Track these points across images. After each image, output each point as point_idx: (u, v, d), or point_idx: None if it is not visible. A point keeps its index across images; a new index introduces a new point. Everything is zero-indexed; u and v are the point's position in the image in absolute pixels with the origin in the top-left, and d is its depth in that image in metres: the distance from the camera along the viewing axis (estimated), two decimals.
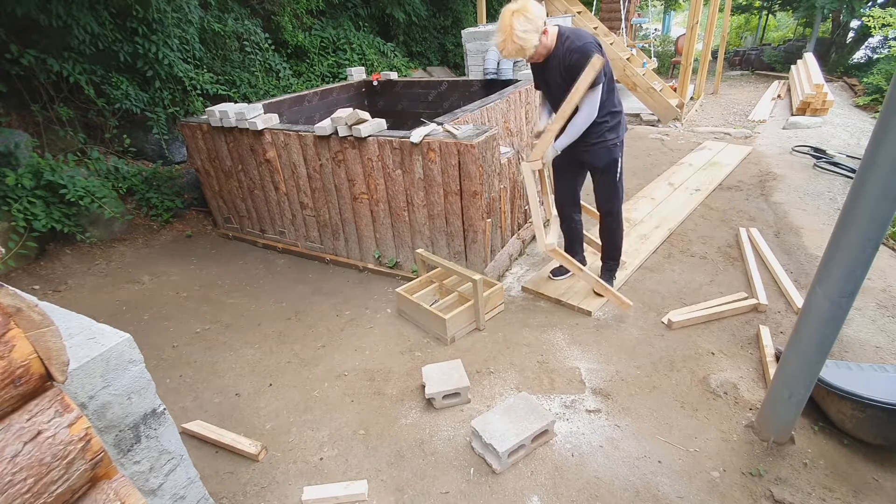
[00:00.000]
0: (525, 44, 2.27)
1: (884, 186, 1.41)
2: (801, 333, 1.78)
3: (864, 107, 8.18)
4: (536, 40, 2.29)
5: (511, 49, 2.30)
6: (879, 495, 1.83)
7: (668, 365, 2.52)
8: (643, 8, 12.01)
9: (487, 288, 3.00)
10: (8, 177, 3.63)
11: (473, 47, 5.12)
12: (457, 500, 1.92)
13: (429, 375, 2.40)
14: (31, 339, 0.83)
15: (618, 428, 2.18)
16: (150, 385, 1.32)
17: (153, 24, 4.58)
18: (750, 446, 2.05)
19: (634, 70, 7.05)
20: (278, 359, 2.84)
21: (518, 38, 2.25)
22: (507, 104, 3.94)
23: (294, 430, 2.32)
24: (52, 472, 0.85)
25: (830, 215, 4.06)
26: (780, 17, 16.63)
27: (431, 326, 2.89)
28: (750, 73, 11.94)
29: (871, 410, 1.89)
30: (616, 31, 8.84)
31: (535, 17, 2.26)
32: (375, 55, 7.61)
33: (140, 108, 4.72)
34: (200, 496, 1.54)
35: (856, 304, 2.46)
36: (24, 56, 3.95)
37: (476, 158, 2.85)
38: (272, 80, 6.12)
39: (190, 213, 4.85)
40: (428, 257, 3.12)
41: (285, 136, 3.49)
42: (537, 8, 2.29)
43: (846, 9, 9.79)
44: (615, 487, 1.91)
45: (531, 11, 2.26)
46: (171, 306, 3.45)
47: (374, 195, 3.35)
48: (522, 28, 2.23)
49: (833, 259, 1.61)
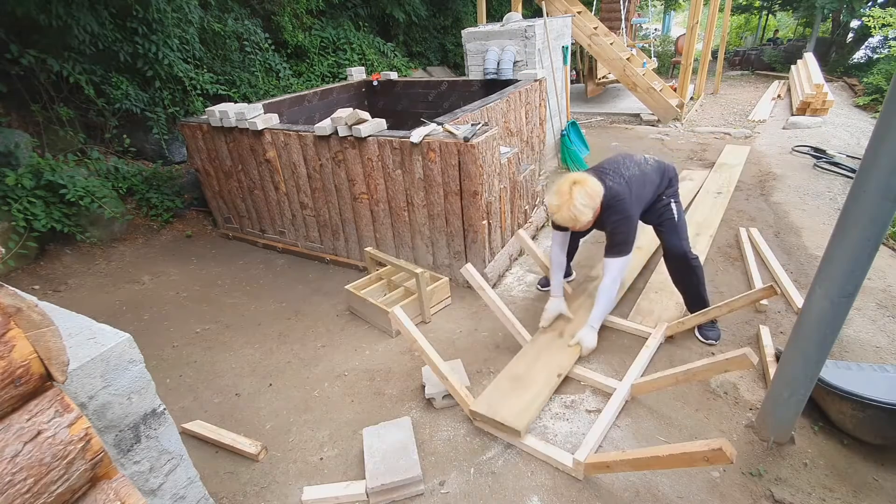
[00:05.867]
0: (581, 217, 2.25)
1: (884, 186, 1.41)
2: (801, 333, 1.78)
3: (864, 107, 8.18)
4: (591, 216, 2.29)
5: (565, 216, 2.27)
6: (879, 495, 1.83)
7: (667, 365, 2.51)
8: (643, 8, 12.00)
9: (433, 282, 3.12)
10: (8, 177, 3.63)
11: (473, 47, 5.11)
12: (457, 499, 1.92)
13: (429, 375, 2.39)
14: (31, 339, 0.83)
15: (618, 428, 2.18)
16: (150, 385, 1.32)
17: (153, 24, 4.58)
18: (750, 446, 2.05)
19: (634, 70, 7.05)
20: (278, 359, 2.84)
21: (575, 209, 2.22)
22: (507, 104, 3.94)
23: (294, 430, 2.32)
24: (52, 472, 0.85)
25: (830, 215, 4.06)
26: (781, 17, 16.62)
27: (378, 320, 2.98)
28: (750, 73, 11.94)
29: (871, 410, 1.89)
30: (616, 31, 8.83)
31: (596, 195, 2.26)
32: (375, 55, 7.61)
33: (140, 108, 4.72)
34: (200, 496, 1.54)
35: (856, 304, 2.46)
36: (24, 56, 3.95)
37: (476, 158, 2.85)
38: (272, 80, 6.12)
39: (190, 213, 4.85)
40: (376, 254, 3.22)
41: (285, 136, 3.49)
42: (598, 186, 2.28)
43: (846, 9, 9.79)
44: (615, 487, 1.91)
45: (593, 188, 2.25)
46: (171, 306, 3.45)
47: (374, 195, 3.35)
48: (582, 202, 2.22)
49: (833, 259, 1.61)
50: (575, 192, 2.22)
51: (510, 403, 2.17)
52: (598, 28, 7.34)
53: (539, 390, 2.26)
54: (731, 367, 1.85)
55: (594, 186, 2.27)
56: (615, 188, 2.36)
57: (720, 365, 1.87)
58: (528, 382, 2.30)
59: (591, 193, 2.24)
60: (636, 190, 2.42)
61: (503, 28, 4.96)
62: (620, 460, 1.70)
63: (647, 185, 2.50)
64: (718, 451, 1.40)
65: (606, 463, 1.77)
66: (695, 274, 2.61)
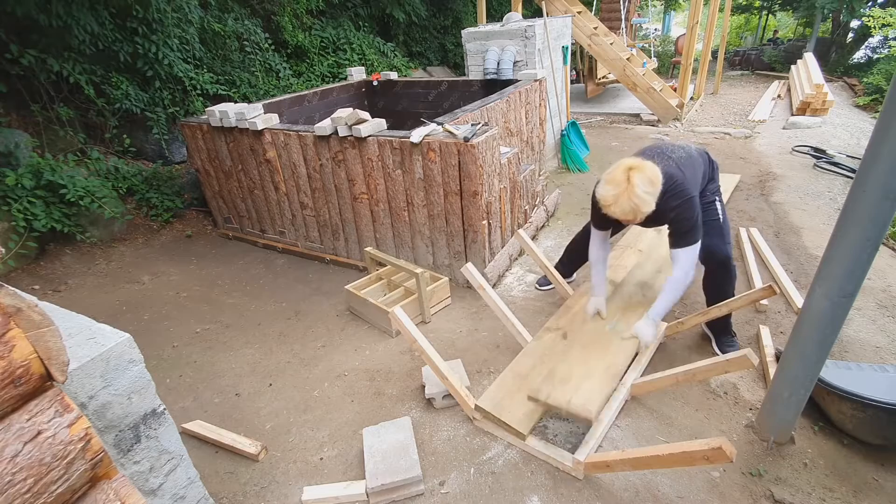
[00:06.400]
0: (643, 206, 1.96)
1: (884, 186, 1.41)
2: (801, 333, 1.78)
3: (864, 107, 8.18)
4: (653, 205, 1.99)
5: (624, 207, 1.97)
6: (879, 495, 1.83)
7: (667, 365, 2.51)
8: (643, 8, 12.00)
9: (433, 282, 3.11)
10: (8, 177, 3.63)
11: (473, 47, 5.11)
12: (457, 499, 1.92)
13: (429, 375, 2.39)
14: (31, 339, 0.83)
15: (618, 428, 2.18)
16: (150, 385, 1.32)
17: (153, 24, 4.58)
18: (750, 446, 2.05)
19: (634, 70, 7.05)
20: (278, 359, 2.84)
21: (637, 198, 1.94)
22: (507, 104, 3.94)
23: (294, 430, 2.32)
24: (52, 472, 0.85)
25: (830, 215, 4.06)
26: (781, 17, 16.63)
27: (378, 321, 2.98)
28: (750, 73, 11.94)
29: (872, 410, 1.89)
30: (616, 31, 8.83)
31: (657, 180, 1.99)
32: (375, 55, 7.61)
33: (140, 108, 4.72)
34: (200, 496, 1.54)
35: (856, 304, 2.46)
36: (24, 56, 3.94)
37: (476, 158, 2.85)
38: (272, 80, 6.12)
39: (190, 213, 4.85)
40: (376, 254, 3.20)
41: (285, 136, 3.49)
42: (656, 170, 2.02)
43: (846, 9, 9.79)
44: (615, 487, 1.91)
45: (654, 173, 1.99)
46: (170, 306, 3.45)
47: (374, 195, 3.35)
48: (645, 189, 1.94)
49: (833, 259, 1.61)
50: (634, 178, 1.94)
51: (515, 406, 2.17)
52: (598, 28, 7.34)
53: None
54: (731, 368, 1.85)
55: (654, 170, 1.99)
56: (667, 170, 2.10)
57: (721, 366, 1.87)
58: (532, 382, 2.30)
59: (651, 179, 1.97)
60: (688, 172, 2.21)
61: (503, 28, 4.97)
62: (620, 460, 1.70)
63: (696, 168, 2.30)
64: (718, 449, 1.40)
65: (607, 462, 1.77)
66: (731, 282, 2.45)
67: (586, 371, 2.19)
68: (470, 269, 2.55)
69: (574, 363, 2.26)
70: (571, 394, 2.06)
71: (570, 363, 2.26)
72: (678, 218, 2.14)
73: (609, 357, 2.29)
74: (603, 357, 2.29)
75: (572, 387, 2.10)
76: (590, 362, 2.25)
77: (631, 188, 1.95)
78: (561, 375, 2.17)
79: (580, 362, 2.26)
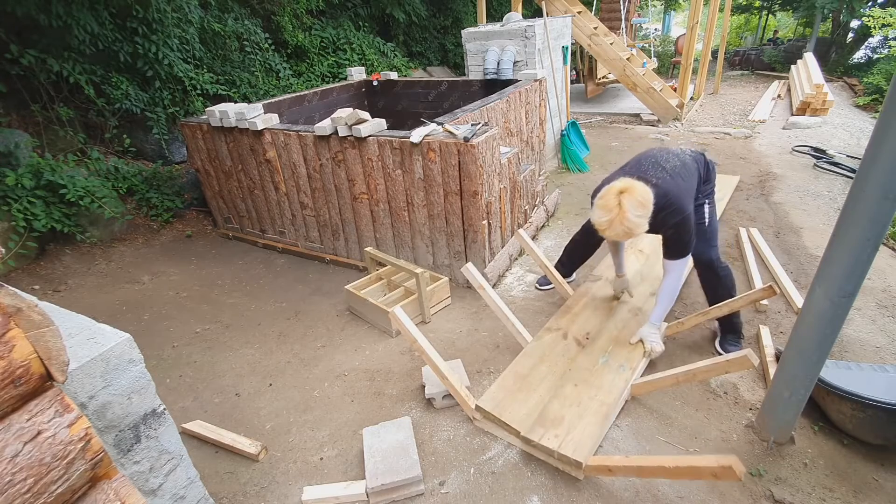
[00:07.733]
0: (636, 229, 2.01)
1: (884, 186, 1.41)
2: (801, 333, 1.78)
3: (864, 107, 8.18)
4: (646, 226, 2.03)
5: (618, 232, 2.02)
6: (879, 495, 1.83)
7: (667, 365, 2.51)
8: (643, 8, 12.01)
9: (433, 282, 3.12)
10: (8, 177, 3.63)
11: (473, 47, 5.11)
12: (457, 499, 1.92)
13: (429, 375, 2.39)
14: (31, 339, 0.83)
15: (618, 428, 2.18)
16: (150, 385, 1.32)
17: (153, 24, 4.58)
18: (750, 446, 2.05)
19: (634, 70, 7.05)
20: (278, 359, 2.84)
21: (629, 223, 1.98)
22: (507, 104, 3.94)
23: (294, 430, 2.32)
24: (52, 472, 0.85)
25: (830, 215, 4.06)
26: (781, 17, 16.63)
27: (378, 321, 2.98)
28: (750, 73, 11.94)
29: (871, 410, 1.89)
30: (616, 31, 8.83)
31: (648, 202, 2.01)
32: (375, 55, 7.61)
33: (140, 108, 4.72)
34: (200, 496, 1.54)
35: (856, 304, 2.46)
36: (24, 56, 3.94)
37: (476, 158, 2.85)
38: (272, 80, 6.12)
39: (190, 213, 4.85)
40: (376, 254, 3.20)
41: (285, 136, 3.49)
42: (647, 190, 2.04)
43: (846, 9, 9.79)
44: (615, 487, 1.91)
45: (644, 195, 2.01)
46: (170, 306, 3.45)
47: (374, 195, 3.35)
48: (636, 213, 1.98)
49: (833, 259, 1.61)
50: (625, 202, 1.98)
51: (516, 406, 2.16)
52: (598, 28, 7.33)
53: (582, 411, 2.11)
54: (731, 369, 1.85)
55: (644, 192, 2.02)
56: (662, 185, 2.14)
57: (721, 366, 1.87)
58: (532, 383, 2.30)
59: (642, 201, 2.00)
60: (682, 182, 2.24)
61: (503, 28, 4.97)
62: (624, 465, 1.69)
63: (690, 175, 2.33)
64: (728, 468, 1.35)
65: (608, 466, 1.76)
66: (723, 283, 2.48)
67: (578, 412, 2.12)
68: (470, 269, 2.55)
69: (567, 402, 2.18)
70: (562, 439, 2.00)
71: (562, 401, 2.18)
72: (674, 235, 2.22)
73: (602, 395, 2.22)
74: (595, 395, 2.22)
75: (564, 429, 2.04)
76: (582, 402, 2.18)
77: (622, 213, 1.98)
78: (552, 416, 2.11)
79: (573, 402, 2.18)
